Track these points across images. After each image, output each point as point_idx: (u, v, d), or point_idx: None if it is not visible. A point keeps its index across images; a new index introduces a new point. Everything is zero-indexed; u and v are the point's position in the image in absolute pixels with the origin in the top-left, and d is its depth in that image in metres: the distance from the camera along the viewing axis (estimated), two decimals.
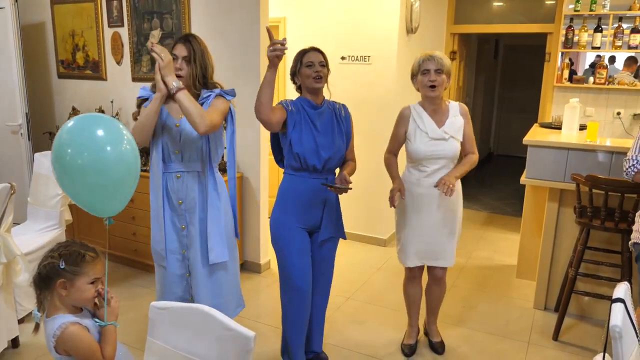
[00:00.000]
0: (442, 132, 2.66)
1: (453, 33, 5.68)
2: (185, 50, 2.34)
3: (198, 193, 2.43)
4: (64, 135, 1.63)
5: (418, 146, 2.67)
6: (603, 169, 3.18)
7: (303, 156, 2.45)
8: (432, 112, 2.70)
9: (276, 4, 4.67)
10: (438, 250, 2.79)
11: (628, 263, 2.99)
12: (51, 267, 1.64)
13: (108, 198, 1.70)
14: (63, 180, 1.67)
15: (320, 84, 2.47)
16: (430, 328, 3.07)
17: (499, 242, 4.87)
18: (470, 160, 2.76)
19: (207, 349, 1.45)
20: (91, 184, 1.64)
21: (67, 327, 1.64)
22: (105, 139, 1.63)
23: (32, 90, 4.93)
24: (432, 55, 2.60)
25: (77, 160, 1.60)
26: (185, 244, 2.47)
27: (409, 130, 2.72)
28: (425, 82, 2.61)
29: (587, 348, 3.07)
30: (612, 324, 1.42)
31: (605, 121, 5.11)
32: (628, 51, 4.93)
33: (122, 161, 1.67)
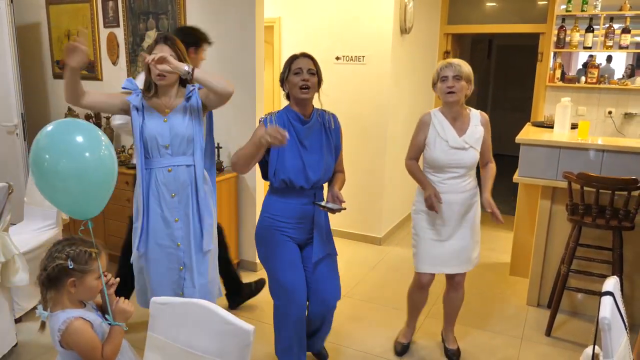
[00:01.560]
0: (462, 141, 2.64)
1: (447, 33, 5.73)
2: (169, 50, 2.34)
3: (190, 185, 2.44)
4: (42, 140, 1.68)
5: (437, 154, 2.65)
6: (594, 167, 3.22)
7: (289, 179, 2.35)
8: (453, 119, 2.67)
9: (271, 4, 4.70)
10: (460, 256, 2.75)
11: (619, 259, 3.04)
12: (61, 269, 1.66)
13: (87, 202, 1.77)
14: (41, 185, 1.72)
15: (307, 94, 2.31)
16: (447, 335, 3.03)
17: (492, 240, 4.91)
18: (492, 172, 2.78)
19: (207, 342, 1.48)
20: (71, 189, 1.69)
21: (72, 322, 1.68)
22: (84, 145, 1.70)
23: (28, 90, 4.93)
24: (450, 62, 2.59)
25: (56, 166, 1.65)
26: (180, 237, 2.46)
27: (428, 137, 2.68)
28: (444, 88, 2.59)
29: (579, 343, 3.12)
30: (601, 316, 1.46)
31: (597, 120, 5.17)
32: (619, 51, 4.99)
33: (101, 166, 1.74)
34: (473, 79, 2.64)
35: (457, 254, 2.75)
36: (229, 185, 3.95)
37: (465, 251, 2.76)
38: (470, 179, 2.73)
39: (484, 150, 2.72)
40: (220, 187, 3.85)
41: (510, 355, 3.00)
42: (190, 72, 2.25)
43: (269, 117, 2.37)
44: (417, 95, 5.31)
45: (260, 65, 3.89)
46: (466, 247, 2.76)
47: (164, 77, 2.32)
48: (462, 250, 2.75)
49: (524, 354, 3.02)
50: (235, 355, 1.43)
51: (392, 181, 4.86)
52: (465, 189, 2.70)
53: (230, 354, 1.44)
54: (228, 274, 3.39)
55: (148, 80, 2.40)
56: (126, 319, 1.78)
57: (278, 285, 2.46)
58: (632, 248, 3.27)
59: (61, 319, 1.68)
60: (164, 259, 2.47)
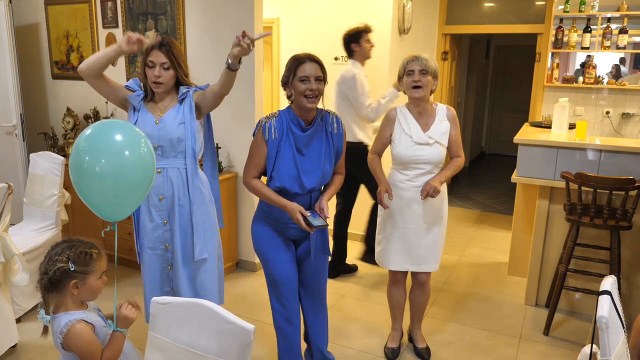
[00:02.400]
0: (426, 136, 2.62)
1: (445, 33, 5.74)
2: (163, 57, 2.33)
3: (180, 189, 2.42)
4: (82, 142, 1.72)
5: (402, 150, 2.64)
6: (592, 167, 3.24)
7: (283, 187, 2.30)
8: (418, 114, 2.66)
9: (270, 5, 4.71)
10: (423, 254, 2.74)
11: (617, 259, 3.06)
12: (62, 271, 1.66)
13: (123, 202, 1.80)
14: (80, 186, 1.74)
15: (314, 103, 2.21)
16: (415, 334, 3.03)
17: (491, 240, 4.93)
18: (455, 164, 2.73)
19: (207, 342, 1.49)
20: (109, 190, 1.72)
21: (74, 325, 1.68)
22: (123, 144, 1.73)
23: (27, 91, 4.94)
24: (417, 57, 2.57)
25: (94, 168, 1.68)
26: (168, 238, 2.47)
27: (393, 132, 2.69)
28: (409, 83, 2.58)
29: (577, 342, 3.13)
30: (598, 315, 1.47)
31: (595, 120, 5.19)
32: (616, 51, 5.01)
33: (140, 165, 1.76)
34: (439, 74, 2.64)
35: (423, 253, 2.74)
36: (227, 185, 3.96)
37: (430, 250, 2.75)
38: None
39: (452, 144, 2.70)
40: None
41: (509, 355, 3.01)
42: (236, 67, 2.27)
43: (269, 121, 2.28)
44: None
45: (259, 66, 3.89)
46: (432, 245, 2.75)
47: (160, 84, 2.34)
48: (428, 248, 2.74)
49: (522, 353, 3.03)
50: (236, 354, 1.44)
51: None
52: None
53: (230, 353, 1.45)
54: (340, 246, 4.04)
55: (144, 85, 2.43)
56: (128, 325, 1.77)
57: (271, 281, 2.49)
58: (630, 247, 3.29)
59: (63, 321, 1.68)
60: (155, 261, 2.50)
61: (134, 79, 2.49)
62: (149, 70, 2.35)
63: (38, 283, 1.71)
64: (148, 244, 2.48)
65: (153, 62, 2.33)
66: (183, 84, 2.43)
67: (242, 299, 3.69)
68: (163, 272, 2.53)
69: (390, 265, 2.82)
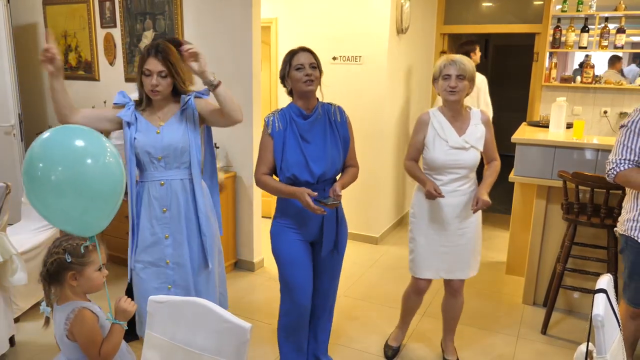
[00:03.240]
0: (462, 140, 2.54)
1: (443, 33, 5.75)
2: (160, 65, 2.22)
3: (184, 200, 2.32)
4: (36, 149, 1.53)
5: (437, 155, 2.55)
6: (589, 166, 3.25)
7: (293, 175, 2.32)
8: (452, 119, 2.58)
9: (268, 5, 4.72)
10: (458, 260, 2.66)
11: (614, 258, 3.07)
12: (59, 263, 1.70)
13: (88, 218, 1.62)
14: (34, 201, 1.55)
15: (311, 86, 2.30)
16: (447, 345, 2.93)
17: (489, 239, 4.93)
18: (495, 168, 2.67)
19: (204, 340, 1.50)
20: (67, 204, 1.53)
21: (81, 310, 1.72)
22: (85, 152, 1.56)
23: (25, 91, 4.94)
24: (455, 60, 2.48)
25: (50, 177, 1.48)
26: (169, 254, 2.33)
27: (427, 137, 2.59)
28: (445, 87, 2.49)
29: (574, 341, 3.14)
30: (594, 313, 1.47)
31: (593, 119, 5.20)
32: (614, 51, 5.02)
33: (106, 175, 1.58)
34: (475, 77, 2.55)
35: (456, 259, 2.66)
36: (225, 184, 3.96)
37: (464, 256, 2.67)
38: (471, 182, 2.63)
39: (488, 149, 2.64)
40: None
41: (506, 354, 3.02)
42: (215, 82, 2.17)
43: (272, 116, 2.37)
44: (414, 95, 5.33)
45: (257, 65, 3.90)
46: (465, 252, 2.66)
47: (157, 92, 2.24)
48: (462, 255, 2.66)
49: (519, 352, 3.04)
50: (233, 352, 1.45)
51: (388, 181, 4.87)
52: (466, 192, 2.61)
53: (227, 351, 1.46)
54: None
55: (141, 93, 2.30)
56: (126, 318, 1.79)
57: (284, 284, 2.49)
58: None
59: (70, 308, 1.72)
60: (152, 277, 2.34)
61: (120, 92, 2.36)
62: (146, 79, 2.23)
63: (40, 275, 1.75)
64: (148, 259, 2.33)
65: (150, 71, 2.22)
66: (181, 90, 2.33)
67: (240, 298, 3.69)
68: (160, 291, 2.32)
69: (423, 273, 2.70)
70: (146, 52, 2.24)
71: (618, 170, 2.40)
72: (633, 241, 2.45)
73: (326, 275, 2.56)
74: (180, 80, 2.29)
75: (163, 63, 2.22)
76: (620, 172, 2.39)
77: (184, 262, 2.34)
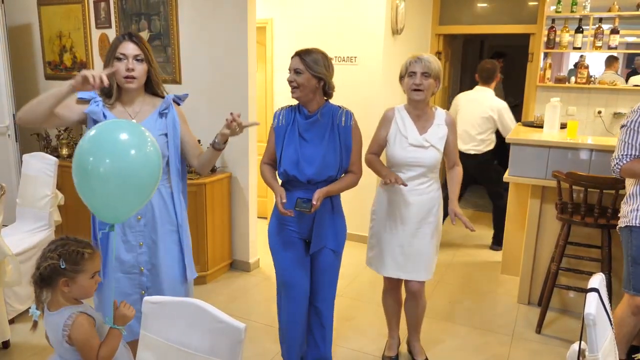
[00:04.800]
0: (422, 139, 2.55)
1: (438, 34, 5.76)
2: (136, 48, 2.08)
3: (161, 207, 2.20)
4: (85, 144, 1.66)
5: (397, 151, 2.57)
6: (583, 166, 3.27)
7: (284, 171, 2.38)
8: (416, 117, 2.59)
9: (263, 5, 4.72)
10: (413, 261, 2.63)
11: (608, 257, 3.09)
12: (52, 268, 1.68)
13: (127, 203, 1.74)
14: (83, 188, 1.68)
15: (294, 93, 2.34)
16: (413, 346, 2.92)
17: (484, 239, 4.95)
18: (458, 177, 2.68)
19: (199, 340, 1.50)
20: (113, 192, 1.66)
21: (78, 316, 1.71)
22: (129, 143, 1.68)
23: (20, 91, 4.92)
24: (420, 58, 2.47)
25: (99, 168, 1.62)
26: (143, 261, 2.22)
27: (389, 132, 2.61)
28: (410, 84, 2.50)
29: (568, 340, 3.15)
30: (586, 312, 1.49)
31: (587, 120, 5.22)
32: (608, 51, 5.04)
33: (147, 165, 1.70)
34: (442, 76, 2.54)
35: (414, 259, 2.63)
36: (221, 185, 3.96)
37: (422, 257, 2.64)
38: (431, 182, 2.61)
39: (449, 151, 2.63)
40: (213, 187, 3.87)
41: (501, 353, 3.03)
42: (223, 147, 2.15)
43: (282, 110, 2.48)
44: None
45: (252, 66, 3.90)
46: (424, 253, 2.63)
47: (133, 79, 2.08)
48: (420, 255, 2.63)
49: (514, 351, 3.05)
50: (227, 352, 1.45)
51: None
52: (425, 191, 2.59)
53: (222, 351, 1.46)
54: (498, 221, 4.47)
55: (111, 84, 2.10)
56: (125, 323, 1.78)
57: (280, 281, 2.51)
58: (621, 246, 3.30)
59: (66, 314, 1.71)
60: (126, 285, 2.22)
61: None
62: (120, 64, 2.06)
63: (31, 277, 1.73)
64: (120, 267, 2.20)
65: (125, 55, 2.05)
66: (154, 81, 2.19)
67: (235, 298, 3.70)
68: (132, 296, 2.22)
69: (381, 270, 2.72)
70: (119, 37, 2.10)
71: (622, 164, 2.51)
72: (638, 228, 2.51)
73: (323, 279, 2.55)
74: (155, 70, 2.17)
75: (139, 46, 2.09)
76: (624, 165, 2.50)
77: (158, 269, 2.23)
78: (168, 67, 4.10)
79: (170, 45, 4.07)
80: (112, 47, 2.10)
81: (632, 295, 2.54)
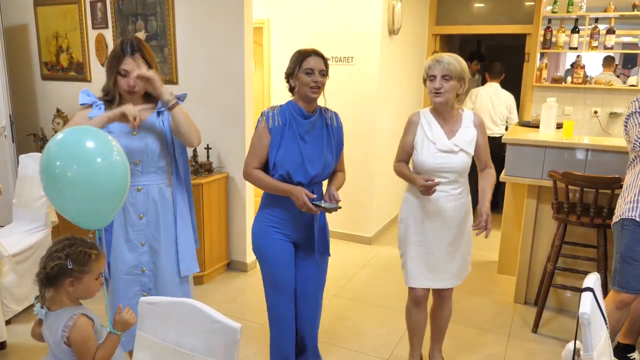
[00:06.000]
0: (451, 144, 2.43)
1: (435, 34, 5.77)
2: (140, 65, 2.14)
3: (162, 205, 2.24)
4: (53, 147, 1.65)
5: (424, 158, 2.44)
6: (579, 166, 3.27)
7: (287, 173, 2.29)
8: (443, 120, 2.47)
9: (260, 6, 4.72)
10: (447, 269, 2.56)
11: (604, 256, 3.10)
12: (59, 268, 1.68)
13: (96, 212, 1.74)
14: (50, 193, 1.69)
15: (317, 94, 2.29)
16: (435, 356, 2.81)
17: (480, 239, 4.93)
18: (491, 180, 2.55)
19: (195, 341, 1.50)
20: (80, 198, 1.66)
21: (79, 317, 1.71)
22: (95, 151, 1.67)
23: (16, 92, 4.92)
24: (439, 60, 2.37)
25: (66, 173, 1.61)
26: (145, 261, 2.25)
27: (416, 138, 2.49)
28: (431, 88, 2.40)
29: (565, 339, 3.16)
30: (581, 312, 1.49)
31: (583, 120, 5.23)
32: (604, 51, 5.06)
33: (112, 173, 1.68)
34: (467, 75, 2.42)
35: (446, 268, 2.56)
36: (218, 186, 3.96)
37: (454, 264, 2.58)
38: (461, 187, 2.52)
39: (480, 153, 2.51)
40: (210, 188, 3.87)
41: (497, 352, 3.04)
42: (171, 102, 2.13)
43: (272, 111, 2.33)
44: (406, 95, 5.35)
45: (249, 66, 3.91)
46: (456, 260, 2.57)
47: (135, 92, 2.15)
48: (451, 263, 2.57)
49: (510, 351, 3.06)
50: (223, 353, 1.45)
51: (381, 181, 4.89)
52: (457, 197, 2.50)
53: (218, 351, 1.46)
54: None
55: (112, 92, 2.17)
56: (125, 329, 1.78)
57: (269, 283, 2.47)
58: None
59: (67, 314, 1.71)
60: (127, 285, 2.25)
61: (84, 90, 2.23)
62: (123, 79, 2.13)
63: (36, 276, 1.73)
64: (123, 269, 2.22)
65: (127, 71, 2.12)
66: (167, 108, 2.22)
67: (232, 298, 3.70)
68: (135, 297, 2.20)
69: (412, 282, 2.58)
70: (121, 51, 2.13)
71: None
72: (630, 221, 2.51)
73: (311, 282, 2.52)
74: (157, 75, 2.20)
75: (146, 63, 2.15)
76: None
77: (160, 269, 2.26)
78: (165, 67, 4.09)
79: (166, 46, 4.07)
80: (114, 58, 2.14)
81: (616, 291, 2.58)
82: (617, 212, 2.63)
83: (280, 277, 2.43)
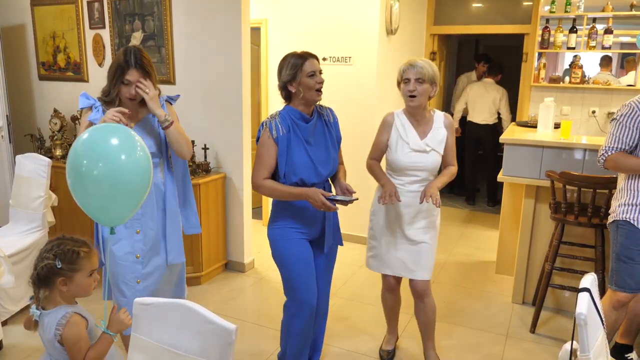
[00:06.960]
0: (423, 144, 2.57)
1: (433, 34, 5.77)
2: (140, 76, 2.27)
3: (157, 198, 2.40)
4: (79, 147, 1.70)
5: (398, 157, 2.59)
6: (577, 166, 3.27)
7: (301, 180, 2.31)
8: (416, 121, 2.61)
9: (257, 6, 4.71)
10: (414, 261, 2.66)
11: (601, 256, 3.09)
12: (49, 268, 1.69)
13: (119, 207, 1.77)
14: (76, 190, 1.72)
15: (320, 96, 2.34)
16: (429, 354, 2.84)
17: (478, 239, 4.96)
18: (450, 171, 2.67)
19: (190, 342, 1.50)
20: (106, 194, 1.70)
21: (72, 316, 1.71)
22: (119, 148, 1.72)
23: (13, 92, 4.91)
24: (413, 64, 2.49)
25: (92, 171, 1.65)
26: (139, 249, 2.37)
27: (390, 138, 2.63)
28: (405, 91, 2.53)
29: (563, 340, 3.16)
30: (577, 312, 1.49)
31: (581, 120, 5.23)
32: (602, 51, 5.06)
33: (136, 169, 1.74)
34: (438, 79, 2.54)
35: (414, 259, 2.66)
36: (216, 186, 3.95)
37: (423, 256, 2.67)
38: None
39: (447, 152, 2.65)
40: (207, 188, 3.86)
41: (495, 352, 3.03)
42: (166, 124, 2.30)
43: (274, 120, 2.31)
44: None
45: (246, 66, 3.90)
46: (424, 252, 2.67)
47: (135, 100, 2.29)
48: (420, 254, 2.66)
49: (508, 351, 3.06)
50: (218, 354, 1.45)
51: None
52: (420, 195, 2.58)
53: (212, 353, 1.46)
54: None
55: (112, 96, 2.30)
56: (120, 330, 1.78)
57: (289, 286, 2.45)
58: None
59: (60, 313, 1.71)
60: (124, 271, 2.36)
61: (83, 93, 2.36)
62: (125, 88, 2.26)
63: (30, 278, 1.74)
64: (119, 254, 2.34)
65: (130, 81, 2.25)
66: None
67: (230, 299, 3.69)
68: (129, 284, 2.38)
69: (382, 269, 2.76)
70: (125, 62, 2.24)
71: (607, 156, 2.56)
72: (624, 222, 2.54)
73: (323, 277, 2.57)
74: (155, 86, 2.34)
75: (143, 73, 2.27)
76: (609, 156, 2.55)
77: (152, 257, 2.41)
78: (162, 67, 4.09)
79: (164, 46, 4.06)
80: (118, 69, 2.26)
81: (613, 290, 2.59)
82: (611, 212, 2.66)
83: (303, 279, 2.41)
